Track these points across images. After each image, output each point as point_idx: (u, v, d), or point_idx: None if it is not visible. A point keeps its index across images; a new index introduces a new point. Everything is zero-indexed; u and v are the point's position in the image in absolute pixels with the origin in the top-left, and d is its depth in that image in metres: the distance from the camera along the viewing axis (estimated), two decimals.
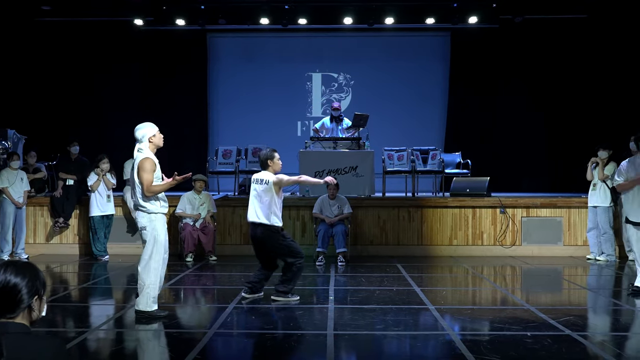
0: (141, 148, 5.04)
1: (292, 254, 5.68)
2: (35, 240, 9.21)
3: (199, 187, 8.73)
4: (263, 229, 5.59)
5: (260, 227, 5.60)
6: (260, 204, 5.57)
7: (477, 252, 9.00)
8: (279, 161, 5.72)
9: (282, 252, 5.70)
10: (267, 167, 5.67)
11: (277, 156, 5.71)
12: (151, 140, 5.06)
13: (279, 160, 5.72)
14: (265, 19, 11.80)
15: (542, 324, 4.88)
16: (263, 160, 5.69)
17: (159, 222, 5.06)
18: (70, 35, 12.39)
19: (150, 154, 5.04)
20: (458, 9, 11.63)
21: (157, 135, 5.12)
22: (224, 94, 13.13)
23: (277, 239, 5.63)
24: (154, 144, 5.09)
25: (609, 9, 11.26)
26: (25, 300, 1.97)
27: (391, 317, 5.12)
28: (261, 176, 5.67)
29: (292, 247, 5.71)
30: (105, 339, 4.68)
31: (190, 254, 8.42)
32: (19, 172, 8.54)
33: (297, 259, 5.70)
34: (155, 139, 5.09)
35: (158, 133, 5.13)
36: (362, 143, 9.71)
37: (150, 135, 5.05)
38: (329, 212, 8.36)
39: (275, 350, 4.46)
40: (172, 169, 13.92)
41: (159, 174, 5.09)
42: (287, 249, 5.68)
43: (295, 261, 5.68)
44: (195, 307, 6.01)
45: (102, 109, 12.57)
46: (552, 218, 9.09)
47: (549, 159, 12.45)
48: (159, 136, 5.14)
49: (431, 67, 13.00)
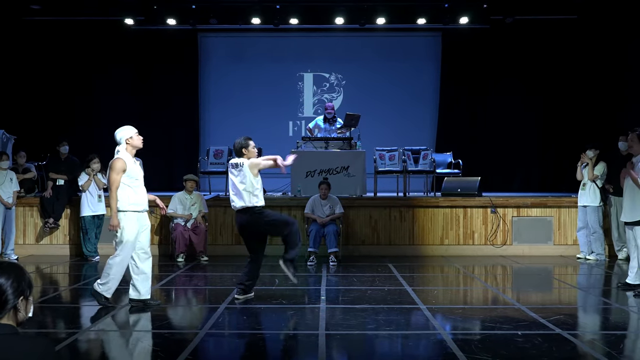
0: (119, 149, 5.29)
1: (282, 225, 5.56)
2: (25, 241, 9.14)
3: (190, 187, 8.70)
4: (246, 214, 5.50)
5: (243, 212, 5.51)
6: (238, 189, 5.50)
7: (468, 252, 9.03)
8: (254, 149, 5.65)
9: (271, 229, 5.64)
10: (242, 155, 5.61)
11: (252, 144, 5.62)
12: (128, 142, 5.29)
13: (254, 148, 5.65)
14: (256, 18, 11.78)
15: (532, 323, 4.90)
16: (237, 149, 5.62)
17: (128, 220, 5.21)
18: (60, 35, 12.31)
19: (125, 155, 5.27)
20: (449, 10, 11.67)
21: (135, 137, 5.32)
22: (215, 94, 13.10)
23: (261, 220, 5.53)
24: (132, 145, 5.31)
25: (599, 10, 11.34)
26: (10, 301, 1.95)
27: (383, 317, 5.13)
28: (236, 161, 5.60)
29: (279, 220, 5.63)
30: (95, 340, 4.65)
31: (181, 254, 8.40)
32: (8, 172, 8.48)
33: (289, 226, 5.55)
34: (132, 140, 5.30)
35: (136, 135, 5.33)
36: (354, 143, 9.72)
37: (127, 137, 5.29)
38: (320, 212, 8.36)
39: (267, 351, 4.45)
40: (164, 168, 13.88)
41: (135, 174, 5.29)
42: (275, 224, 5.58)
43: (289, 229, 5.54)
44: (186, 307, 5.99)
45: (92, 109, 12.50)
46: (542, 218, 9.15)
47: (539, 159, 12.52)
48: (137, 138, 5.34)
49: (422, 67, 13.03)
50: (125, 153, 5.28)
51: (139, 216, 5.31)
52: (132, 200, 5.25)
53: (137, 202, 5.28)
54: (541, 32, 12.27)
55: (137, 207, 5.27)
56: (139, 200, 5.31)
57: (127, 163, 5.24)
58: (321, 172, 9.21)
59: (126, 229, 5.21)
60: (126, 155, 5.28)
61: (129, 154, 5.31)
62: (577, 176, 8.64)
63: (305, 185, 9.20)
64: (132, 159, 5.35)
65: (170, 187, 11.48)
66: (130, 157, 5.33)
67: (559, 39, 12.20)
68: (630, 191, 6.07)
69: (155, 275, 7.72)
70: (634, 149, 6.12)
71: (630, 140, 6.09)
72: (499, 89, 12.61)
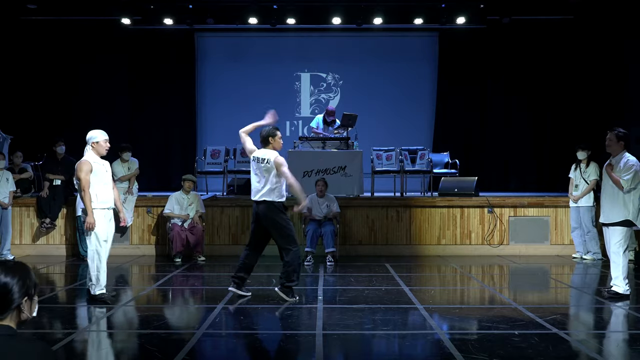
0: (86, 150, 5.64)
1: (287, 238, 5.59)
2: (21, 241, 9.12)
3: (188, 188, 8.69)
4: (265, 205, 5.58)
5: (263, 203, 5.59)
6: (261, 182, 5.56)
7: (465, 252, 9.04)
8: (280, 140, 5.70)
9: (276, 233, 5.63)
10: (267, 144, 5.63)
11: (279, 134, 5.69)
12: (93, 146, 5.62)
13: (280, 139, 5.70)
14: (253, 18, 11.77)
15: (529, 322, 4.91)
16: (265, 137, 5.64)
17: (96, 217, 5.52)
18: (57, 34, 12.27)
19: (91, 157, 5.59)
20: (446, 10, 11.67)
21: (102, 143, 5.64)
22: (212, 94, 13.08)
23: (278, 215, 5.58)
24: (96, 149, 5.62)
25: (595, 11, 11.36)
26: (15, 301, 1.94)
27: (380, 317, 5.13)
28: (262, 154, 5.60)
29: (288, 232, 5.62)
30: (92, 340, 4.65)
31: (178, 255, 8.38)
32: (4, 173, 8.46)
33: (292, 244, 5.60)
34: (97, 145, 5.62)
35: (103, 142, 5.64)
36: (351, 143, 9.72)
37: (93, 141, 5.62)
38: (317, 210, 8.36)
39: (264, 351, 4.45)
40: (161, 168, 13.87)
41: (103, 177, 5.61)
42: (282, 232, 5.60)
43: (291, 249, 5.58)
44: (183, 307, 5.99)
45: (89, 109, 12.46)
46: (539, 217, 9.16)
47: (536, 158, 12.54)
48: (103, 145, 5.64)
49: (419, 67, 13.03)
50: (91, 154, 5.61)
51: (105, 213, 5.64)
52: (100, 198, 5.56)
53: (103, 200, 5.61)
54: (538, 32, 12.28)
55: (101, 204, 5.57)
56: (105, 199, 5.63)
57: (93, 164, 5.55)
58: (318, 172, 9.21)
59: (96, 225, 5.56)
60: (92, 157, 5.60)
61: (95, 156, 5.63)
62: (571, 183, 8.62)
63: (303, 185, 9.17)
64: (99, 160, 5.66)
65: (167, 187, 11.47)
66: (98, 159, 5.64)
67: (556, 39, 12.22)
68: (610, 192, 5.88)
69: (152, 276, 7.75)
70: (612, 149, 5.90)
71: (609, 140, 5.87)
72: (495, 89, 12.63)
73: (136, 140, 11.15)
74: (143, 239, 9.13)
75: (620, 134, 5.86)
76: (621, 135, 5.86)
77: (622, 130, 5.90)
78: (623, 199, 5.77)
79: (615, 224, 5.82)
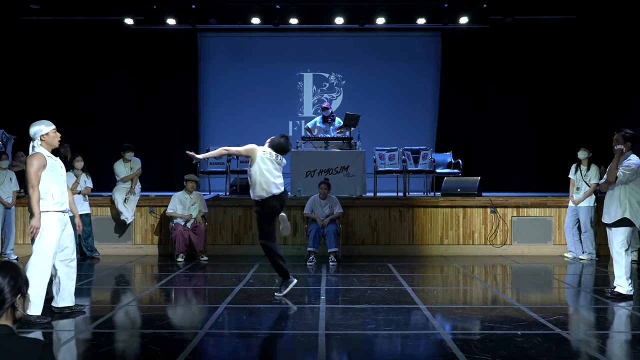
0: (34, 146, 4.88)
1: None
2: (24, 241, 9.12)
3: (190, 187, 8.70)
4: (285, 193, 5.94)
5: (284, 192, 5.91)
6: (280, 176, 5.91)
7: (468, 252, 9.03)
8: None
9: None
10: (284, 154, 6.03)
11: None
12: (43, 139, 4.88)
13: None
14: (256, 18, 11.78)
15: (532, 322, 4.91)
16: (286, 149, 6.02)
17: (48, 221, 4.81)
18: (60, 35, 12.29)
19: (43, 151, 4.86)
20: (449, 10, 11.66)
21: (51, 134, 4.91)
22: (214, 94, 13.09)
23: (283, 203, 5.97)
24: (47, 142, 4.90)
25: (598, 10, 11.34)
26: (8, 300, 1.96)
27: (382, 317, 5.13)
28: (275, 153, 5.94)
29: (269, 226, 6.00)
30: (94, 340, 4.65)
31: (181, 254, 8.40)
32: (7, 172, 8.48)
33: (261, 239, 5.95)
34: (47, 137, 4.89)
35: (52, 132, 4.92)
36: (354, 143, 9.72)
37: (42, 134, 4.87)
38: (320, 212, 8.36)
39: (267, 351, 4.45)
40: (164, 168, 13.87)
41: (58, 174, 4.94)
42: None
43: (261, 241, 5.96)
44: (186, 307, 5.99)
45: (92, 109, 12.49)
46: (542, 217, 9.15)
47: (539, 159, 12.52)
48: (53, 135, 4.93)
49: (422, 67, 13.02)
50: (41, 149, 4.86)
51: (60, 217, 4.94)
52: (56, 199, 4.85)
53: (59, 201, 4.88)
54: (540, 32, 12.26)
55: (57, 206, 4.86)
56: (61, 200, 4.91)
57: (47, 158, 4.85)
58: (321, 172, 9.21)
59: (46, 229, 4.79)
60: (44, 152, 4.86)
61: (46, 151, 4.90)
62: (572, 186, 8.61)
63: (305, 185, 9.20)
64: (53, 156, 4.98)
65: (169, 187, 11.48)
66: (51, 154, 4.96)
67: (559, 39, 12.20)
68: (610, 192, 5.92)
69: (154, 275, 7.76)
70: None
71: (616, 141, 5.93)
72: (498, 89, 12.61)
73: (138, 140, 11.16)
74: (146, 239, 9.15)
75: (627, 134, 5.93)
76: (628, 136, 5.92)
77: (629, 131, 5.98)
78: (619, 197, 5.83)
79: (616, 223, 5.87)
